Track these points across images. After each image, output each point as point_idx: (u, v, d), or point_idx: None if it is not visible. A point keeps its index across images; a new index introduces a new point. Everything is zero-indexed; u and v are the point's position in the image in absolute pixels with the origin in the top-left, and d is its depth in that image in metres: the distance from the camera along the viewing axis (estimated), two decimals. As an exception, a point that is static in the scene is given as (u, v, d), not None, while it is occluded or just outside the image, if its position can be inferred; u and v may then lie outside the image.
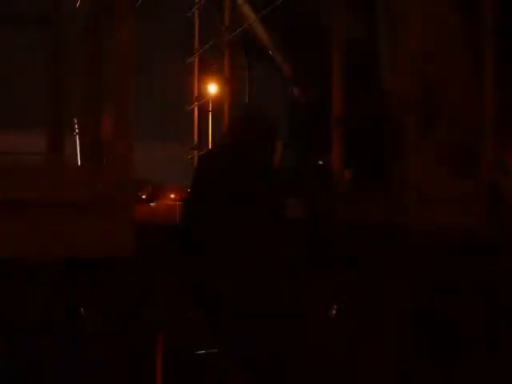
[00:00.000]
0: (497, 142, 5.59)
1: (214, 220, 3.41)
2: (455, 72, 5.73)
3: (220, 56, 11.81)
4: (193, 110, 14.08)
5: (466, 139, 5.65)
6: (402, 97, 5.73)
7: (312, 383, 3.81)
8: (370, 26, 7.38)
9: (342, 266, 4.73)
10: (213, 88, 14.31)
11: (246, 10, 10.08)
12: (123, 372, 3.99)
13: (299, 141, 9.01)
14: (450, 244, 4.81)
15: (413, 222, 5.05)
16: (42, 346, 3.96)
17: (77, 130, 7.15)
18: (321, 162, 7.87)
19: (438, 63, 5.66)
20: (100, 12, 6.27)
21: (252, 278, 3.35)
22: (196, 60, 13.57)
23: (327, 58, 6.55)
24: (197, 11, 13.54)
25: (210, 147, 13.99)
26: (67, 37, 7.04)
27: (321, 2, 7.82)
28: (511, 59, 5.68)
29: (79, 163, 6.65)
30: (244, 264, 3.36)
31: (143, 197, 13.83)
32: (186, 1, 13.81)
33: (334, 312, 4.73)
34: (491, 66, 5.62)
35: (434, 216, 5.08)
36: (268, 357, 3.30)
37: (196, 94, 13.91)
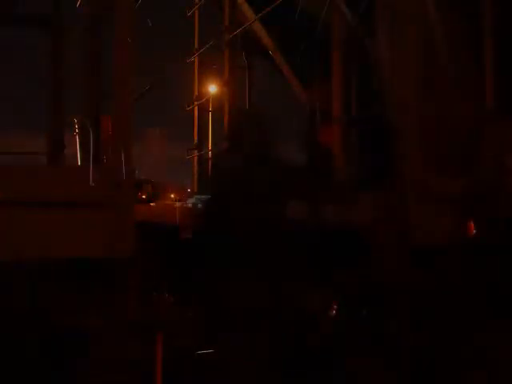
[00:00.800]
0: (496, 142, 5.58)
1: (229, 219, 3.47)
2: (455, 72, 5.74)
3: (220, 56, 11.80)
4: (193, 109, 14.07)
5: (466, 139, 5.65)
6: (401, 97, 5.73)
7: None
8: (370, 26, 7.38)
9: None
10: (213, 88, 14.32)
11: (246, 9, 10.06)
12: (123, 372, 3.99)
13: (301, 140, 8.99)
14: (450, 244, 4.81)
15: (413, 221, 5.04)
16: (42, 346, 3.96)
17: (77, 130, 7.15)
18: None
19: (438, 63, 5.67)
20: (100, 12, 6.28)
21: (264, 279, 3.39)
22: (196, 60, 13.57)
23: (327, 59, 6.55)
24: (197, 11, 13.54)
25: (209, 148, 14.01)
26: (67, 37, 7.05)
27: (320, 1, 7.81)
28: (511, 59, 5.69)
29: (79, 163, 6.65)
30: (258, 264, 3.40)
31: (143, 197, 13.82)
32: (186, 1, 13.84)
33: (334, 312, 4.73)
34: (491, 66, 5.63)
35: (434, 216, 5.08)
36: None
37: (196, 93, 13.91)
